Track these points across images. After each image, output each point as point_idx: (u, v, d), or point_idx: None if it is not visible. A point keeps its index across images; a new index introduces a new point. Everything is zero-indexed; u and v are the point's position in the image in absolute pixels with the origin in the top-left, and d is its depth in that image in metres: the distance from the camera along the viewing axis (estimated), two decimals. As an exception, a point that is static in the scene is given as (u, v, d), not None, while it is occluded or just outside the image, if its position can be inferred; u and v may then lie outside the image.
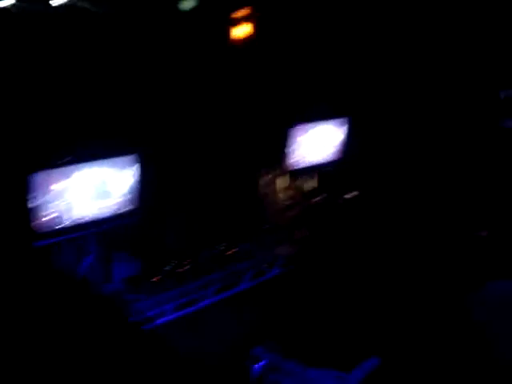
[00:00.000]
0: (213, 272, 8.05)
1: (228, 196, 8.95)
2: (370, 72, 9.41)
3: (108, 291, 7.32)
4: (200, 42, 7.98)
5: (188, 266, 7.93)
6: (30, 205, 5.80)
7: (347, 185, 9.64)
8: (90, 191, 6.38)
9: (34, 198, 5.80)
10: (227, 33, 8.14)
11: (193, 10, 7.58)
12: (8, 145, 6.40)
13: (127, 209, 6.81)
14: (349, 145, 9.21)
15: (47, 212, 5.99)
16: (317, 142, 8.75)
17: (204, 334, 7.99)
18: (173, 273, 7.76)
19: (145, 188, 6.90)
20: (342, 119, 8.99)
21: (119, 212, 6.74)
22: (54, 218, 6.07)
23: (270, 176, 9.29)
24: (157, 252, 8.29)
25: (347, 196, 9.57)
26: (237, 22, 8.19)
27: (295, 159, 8.53)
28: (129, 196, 6.76)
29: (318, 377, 6.43)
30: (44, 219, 5.97)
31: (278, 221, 9.21)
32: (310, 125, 8.59)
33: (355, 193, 9.56)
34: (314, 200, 9.32)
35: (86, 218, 6.43)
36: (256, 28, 8.41)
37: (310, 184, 9.17)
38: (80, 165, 6.19)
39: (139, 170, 6.71)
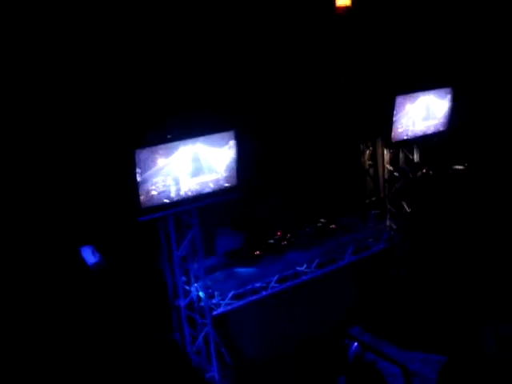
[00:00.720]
0: (314, 246, 8.05)
1: (330, 169, 8.85)
2: (473, 41, 8.91)
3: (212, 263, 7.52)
4: (306, 10, 7.87)
5: (289, 241, 7.97)
6: (136, 180, 5.99)
7: (452, 157, 9.23)
8: (192, 167, 6.48)
9: (140, 173, 5.99)
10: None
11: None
12: (115, 121, 6.64)
13: (228, 184, 6.88)
14: (454, 116, 8.76)
15: (152, 187, 6.13)
16: (421, 112, 8.39)
17: (304, 308, 8.05)
18: (275, 246, 7.82)
19: (244, 164, 6.94)
20: (445, 89, 8.56)
21: (221, 187, 6.82)
22: (158, 193, 6.24)
23: (373, 148, 9.10)
24: (259, 226, 8.39)
25: (456, 168, 9.18)
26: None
27: (400, 130, 8.23)
28: (229, 172, 6.83)
29: (417, 360, 6.31)
30: (149, 194, 6.15)
31: (382, 194, 9.01)
32: (415, 95, 8.24)
33: (461, 166, 9.14)
34: (419, 173, 9.01)
35: (189, 193, 6.56)
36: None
37: (414, 156, 8.85)
38: (182, 141, 6.31)
39: (238, 146, 6.76)
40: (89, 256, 6.05)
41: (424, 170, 9.03)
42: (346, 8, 8.33)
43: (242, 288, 7.34)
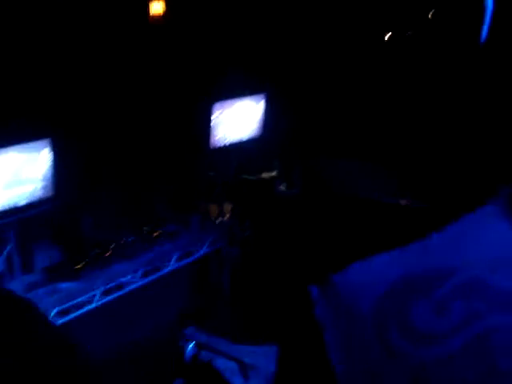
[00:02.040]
0: (139, 255, 7.96)
1: (152, 175, 8.81)
2: (286, 47, 9.46)
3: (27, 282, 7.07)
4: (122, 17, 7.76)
5: (113, 251, 7.78)
6: None
7: (265, 163, 9.69)
8: (5, 178, 6.11)
9: None
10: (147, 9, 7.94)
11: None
12: None
13: (46, 195, 6.56)
14: (268, 122, 9.24)
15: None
16: (237, 119, 8.73)
17: (136, 317, 7.92)
18: (98, 258, 7.59)
19: (61, 174, 6.67)
20: (259, 95, 9.00)
21: (38, 198, 6.48)
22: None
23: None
24: (79, 238, 8.09)
25: (264, 176, 9.63)
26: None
27: (217, 137, 8.47)
28: (46, 182, 6.52)
29: (252, 353, 6.55)
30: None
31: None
32: (231, 101, 8.55)
33: (271, 173, 9.62)
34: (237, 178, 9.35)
35: (4, 206, 6.16)
36: (168, 6, 8.27)
37: (232, 162, 9.17)
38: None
39: (53, 155, 6.47)
40: None
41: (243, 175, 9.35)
42: (160, 16, 8.37)
43: (66, 304, 7.02)
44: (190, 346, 5.39)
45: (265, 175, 9.46)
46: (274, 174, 9.48)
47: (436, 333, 2.02)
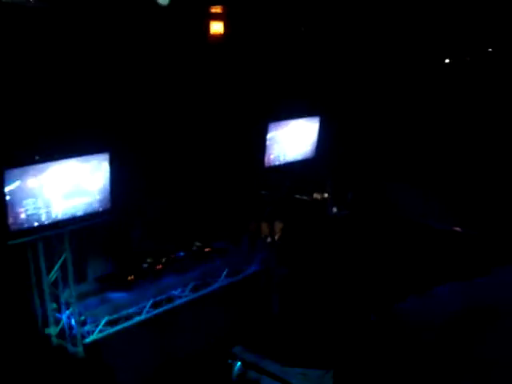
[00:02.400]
0: (189, 270, 8.04)
1: (205, 195, 8.92)
2: (343, 71, 9.48)
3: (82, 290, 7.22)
4: (180, 36, 7.93)
5: (164, 264, 7.88)
6: (4, 201, 5.67)
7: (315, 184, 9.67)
8: (64, 189, 6.27)
9: (9, 194, 5.69)
10: (207, 28, 8.08)
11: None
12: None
13: (102, 207, 6.71)
14: (321, 144, 9.24)
15: (22, 209, 5.85)
16: (292, 140, 8.76)
17: (184, 331, 8.00)
18: (149, 271, 7.70)
19: (117, 187, 6.82)
20: (314, 118, 9.02)
21: (94, 210, 6.64)
22: (28, 216, 5.94)
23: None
24: (131, 251, 8.24)
25: (316, 196, 9.61)
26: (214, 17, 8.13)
27: (272, 156, 8.51)
28: (103, 194, 6.67)
29: (298, 375, 6.48)
30: (19, 216, 5.84)
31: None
32: (286, 122, 8.60)
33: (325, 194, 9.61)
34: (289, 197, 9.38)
35: (61, 216, 6.32)
36: (229, 25, 8.40)
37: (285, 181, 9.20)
38: (54, 162, 6.10)
39: (112, 168, 6.63)
40: None
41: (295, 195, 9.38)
42: (220, 36, 8.51)
43: (116, 314, 7.15)
44: (238, 364, 5.40)
45: (317, 196, 9.46)
46: (325, 195, 9.47)
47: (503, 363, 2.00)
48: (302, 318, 7.91)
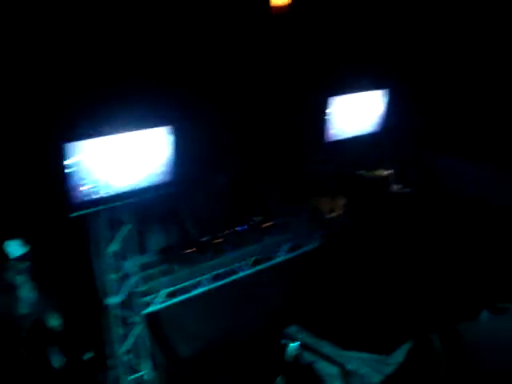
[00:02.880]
0: (249, 244, 8.04)
1: (265, 169, 8.86)
2: (414, 42, 9.10)
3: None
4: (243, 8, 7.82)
5: (224, 238, 7.90)
6: (66, 175, 5.79)
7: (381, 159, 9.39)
8: (125, 161, 6.34)
9: (70, 168, 5.79)
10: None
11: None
12: (44, 113, 6.39)
13: (164, 179, 6.76)
14: (387, 118, 8.93)
15: (83, 182, 5.96)
16: (355, 113, 8.52)
17: (241, 305, 8.03)
18: (210, 244, 7.74)
19: (180, 161, 6.84)
20: (381, 91, 8.72)
21: (156, 182, 6.69)
22: (89, 189, 6.05)
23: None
24: (193, 224, 8.31)
25: (380, 173, 9.33)
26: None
27: (332, 131, 8.31)
28: (165, 167, 6.71)
29: (354, 359, 6.35)
30: (80, 189, 5.96)
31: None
32: (349, 95, 8.35)
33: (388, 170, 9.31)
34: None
35: (123, 189, 6.41)
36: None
37: (348, 157, 9.00)
38: (116, 135, 6.16)
39: (175, 141, 6.64)
40: (15, 249, 5.81)
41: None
42: (283, 7, 8.33)
43: (176, 286, 7.25)
44: (293, 345, 5.35)
45: (380, 172, 9.21)
46: (389, 171, 9.20)
47: None
48: (360, 298, 7.74)
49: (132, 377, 7.09)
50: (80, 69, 6.46)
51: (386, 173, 9.10)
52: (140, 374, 7.14)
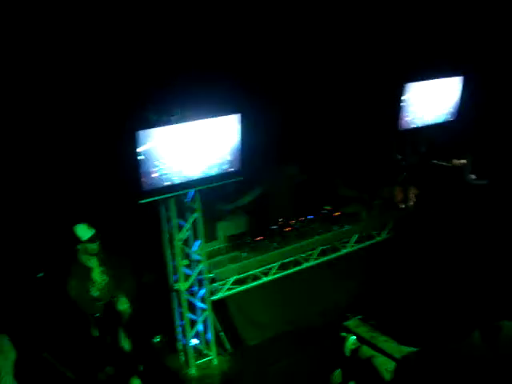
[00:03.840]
0: (317, 233, 7.95)
1: (337, 158, 8.74)
2: (484, 30, 8.70)
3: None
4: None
5: (293, 227, 7.85)
6: (137, 162, 5.90)
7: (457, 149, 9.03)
8: (195, 149, 6.39)
9: (142, 155, 5.90)
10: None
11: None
12: (116, 100, 6.55)
13: (232, 168, 6.78)
14: (463, 106, 8.57)
15: (154, 169, 6.05)
16: (431, 101, 8.23)
17: (308, 294, 8.00)
18: (278, 232, 7.72)
19: (248, 149, 6.84)
20: (456, 78, 8.37)
21: (224, 171, 6.72)
22: (160, 175, 6.13)
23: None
24: (262, 212, 8.32)
25: (455, 162, 8.98)
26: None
27: (407, 118, 8.06)
28: (233, 155, 6.72)
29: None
30: (151, 176, 6.05)
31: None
32: (424, 82, 8.06)
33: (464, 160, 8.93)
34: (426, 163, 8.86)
35: (192, 176, 6.48)
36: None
37: (422, 146, 8.72)
38: (186, 123, 6.22)
39: (243, 129, 6.64)
40: (84, 232, 5.99)
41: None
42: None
43: (243, 273, 7.29)
44: (352, 339, 5.23)
45: (455, 162, 8.88)
46: (465, 161, 8.86)
47: None
48: (427, 293, 7.50)
49: (199, 361, 7.20)
50: (151, 58, 6.57)
51: (461, 162, 8.75)
52: (208, 358, 7.26)
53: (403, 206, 8.72)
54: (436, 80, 8.21)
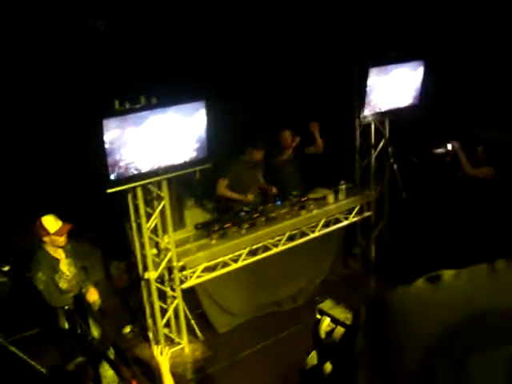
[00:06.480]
0: (285, 219, 7.99)
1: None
2: (448, 10, 8.81)
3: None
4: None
5: (261, 213, 7.88)
6: (104, 151, 5.83)
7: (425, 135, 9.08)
8: (162, 137, 6.36)
9: (108, 144, 5.83)
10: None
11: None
12: (83, 90, 6.46)
13: (199, 155, 6.75)
14: (425, 90, 8.64)
15: (121, 158, 6.00)
16: (394, 86, 8.31)
17: (278, 279, 8.05)
18: (246, 219, 7.74)
19: (213, 136, 6.82)
20: (418, 62, 8.44)
21: (191, 158, 6.69)
22: (127, 164, 6.08)
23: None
24: (229, 199, 8.32)
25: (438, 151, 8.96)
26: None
27: (372, 103, 8.12)
28: (199, 142, 6.70)
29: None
30: (118, 165, 5.99)
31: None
32: (388, 67, 8.12)
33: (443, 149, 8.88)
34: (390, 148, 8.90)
35: (159, 165, 6.44)
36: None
37: (386, 131, 8.79)
38: (152, 111, 6.17)
39: (208, 116, 6.61)
40: (51, 224, 5.90)
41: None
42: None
43: (213, 260, 7.30)
44: (325, 321, 5.26)
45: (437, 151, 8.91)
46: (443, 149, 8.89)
47: None
48: (402, 272, 7.61)
49: (171, 350, 7.20)
50: (117, 47, 6.50)
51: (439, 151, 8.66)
52: (179, 346, 7.27)
53: (373, 192, 8.80)
54: (397, 66, 8.28)
